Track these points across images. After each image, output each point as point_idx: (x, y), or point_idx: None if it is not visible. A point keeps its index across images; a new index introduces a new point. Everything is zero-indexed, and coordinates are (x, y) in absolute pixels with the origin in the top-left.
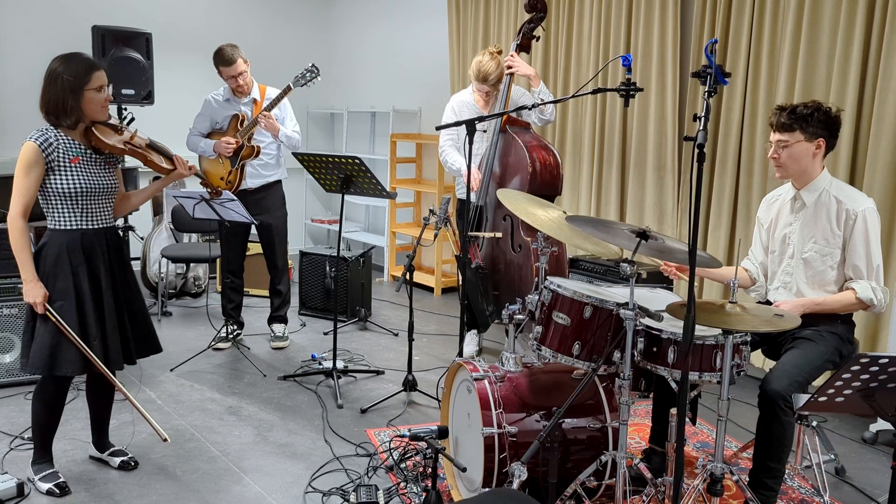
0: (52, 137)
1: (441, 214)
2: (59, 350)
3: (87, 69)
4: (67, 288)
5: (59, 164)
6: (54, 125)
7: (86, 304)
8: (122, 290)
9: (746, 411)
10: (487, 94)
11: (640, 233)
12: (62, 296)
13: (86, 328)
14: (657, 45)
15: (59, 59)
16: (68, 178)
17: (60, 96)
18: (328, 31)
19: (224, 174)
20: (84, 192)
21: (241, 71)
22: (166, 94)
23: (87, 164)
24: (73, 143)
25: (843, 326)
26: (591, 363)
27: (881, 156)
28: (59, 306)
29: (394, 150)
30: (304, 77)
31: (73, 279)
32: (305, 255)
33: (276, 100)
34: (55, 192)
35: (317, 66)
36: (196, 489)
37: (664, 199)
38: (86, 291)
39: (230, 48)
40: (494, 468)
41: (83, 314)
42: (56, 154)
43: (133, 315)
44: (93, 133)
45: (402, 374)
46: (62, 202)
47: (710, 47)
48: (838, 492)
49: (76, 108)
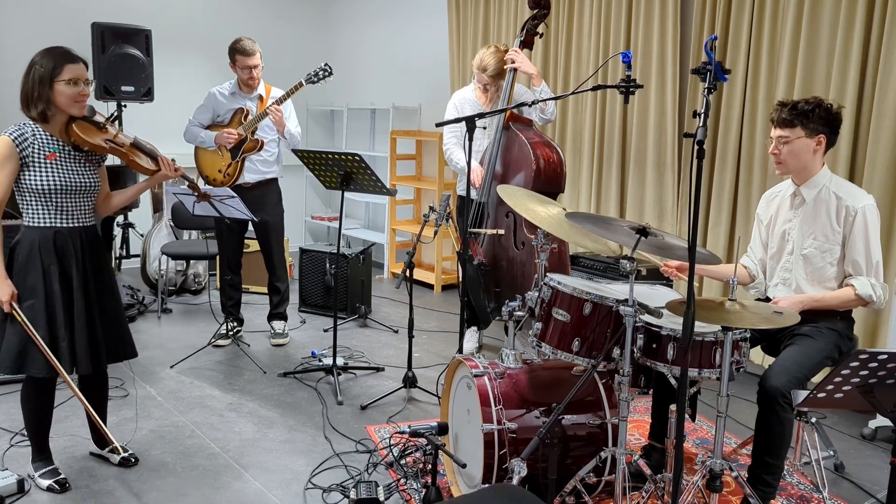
0: (27, 133)
1: (441, 211)
2: (29, 350)
3: (60, 60)
4: (37, 286)
5: (33, 159)
6: (30, 118)
7: (55, 304)
8: (94, 292)
9: (745, 408)
10: (486, 88)
11: (639, 229)
12: (32, 294)
13: (54, 328)
14: (657, 42)
15: (39, 52)
16: (43, 174)
17: (31, 86)
18: (328, 28)
19: (223, 167)
20: (59, 190)
21: (258, 63)
22: (166, 91)
23: (64, 161)
24: (50, 139)
25: (842, 323)
26: (591, 360)
27: (881, 152)
28: (30, 305)
29: (394, 147)
30: (316, 75)
31: (44, 277)
32: (305, 252)
33: (286, 94)
34: (29, 188)
35: (330, 66)
36: (196, 485)
37: (664, 196)
38: (56, 290)
39: (249, 41)
40: (494, 464)
41: (52, 313)
42: (31, 150)
43: (106, 318)
44: (73, 130)
45: (402, 371)
46: (36, 199)
47: (710, 44)
48: (837, 488)
49: (43, 99)
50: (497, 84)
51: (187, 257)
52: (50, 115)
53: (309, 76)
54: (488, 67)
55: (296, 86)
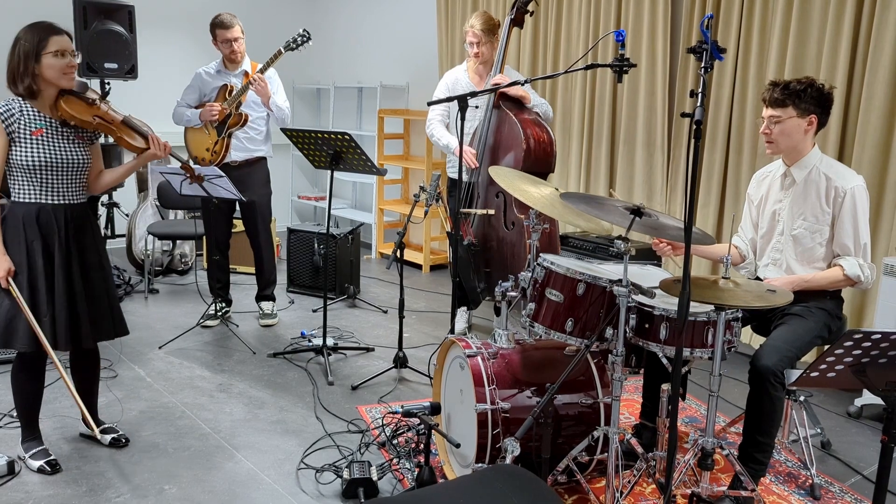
0: (14, 108)
1: (431, 191)
2: (16, 325)
3: (45, 33)
4: (21, 261)
5: (20, 135)
6: (18, 95)
7: (38, 279)
8: (77, 269)
9: (733, 387)
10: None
11: (634, 210)
12: (16, 269)
13: (36, 304)
14: (648, 21)
15: (23, 28)
16: (30, 150)
17: (17, 62)
18: (315, 5)
19: (210, 144)
20: (46, 166)
21: (237, 36)
22: (150, 69)
23: (51, 137)
24: (38, 115)
25: (831, 302)
26: (584, 340)
27: (870, 133)
28: (13, 280)
29: (381, 126)
30: (295, 42)
31: (28, 253)
32: (293, 231)
33: (266, 64)
34: (16, 164)
35: (308, 31)
36: (188, 466)
37: (653, 176)
38: (39, 267)
39: (229, 14)
40: (487, 444)
41: (34, 289)
42: (18, 125)
43: (92, 296)
44: (59, 104)
45: (392, 351)
46: (22, 174)
47: (707, 22)
48: (824, 465)
49: (30, 73)
50: (489, 42)
51: (174, 237)
52: (37, 91)
53: (287, 43)
54: (475, 24)
55: (275, 54)
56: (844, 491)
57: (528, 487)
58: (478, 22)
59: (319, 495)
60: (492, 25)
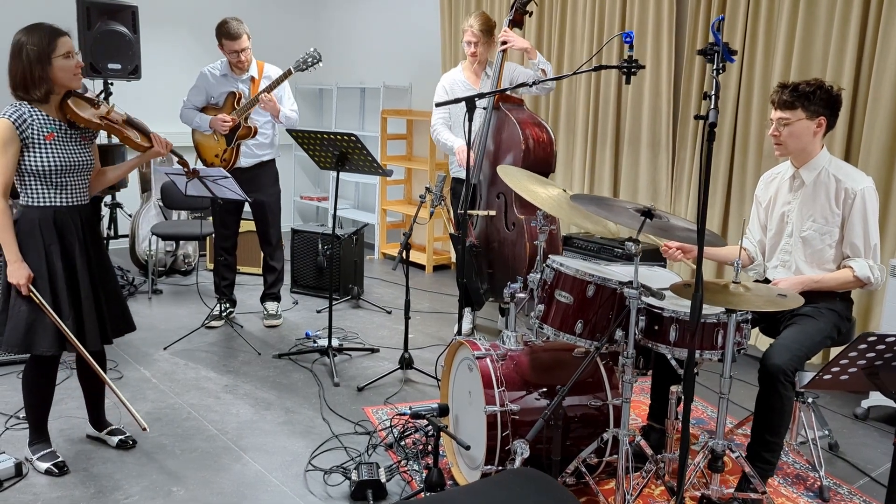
0: (25, 113)
1: (437, 192)
2: (36, 329)
3: (51, 36)
4: (40, 266)
5: (33, 140)
6: (26, 100)
7: (58, 283)
8: (97, 269)
9: (740, 388)
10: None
11: (645, 211)
12: (34, 273)
13: (59, 307)
14: (653, 22)
15: (21, 31)
16: (43, 155)
17: (27, 68)
18: (318, 5)
19: (219, 151)
20: (59, 170)
21: (245, 47)
22: (153, 69)
23: (62, 141)
24: (47, 119)
25: (841, 304)
26: (594, 342)
27: (877, 135)
28: (33, 286)
29: (384, 127)
30: (305, 62)
31: (46, 257)
32: (297, 232)
33: (275, 82)
34: (29, 169)
35: (318, 52)
36: (196, 468)
37: (658, 177)
38: (58, 270)
39: (235, 22)
40: (497, 446)
41: (55, 292)
42: (31, 130)
43: (108, 294)
44: (68, 106)
45: (397, 352)
46: (36, 179)
47: (718, 24)
48: (832, 467)
49: (45, 79)
50: (487, 42)
51: (178, 238)
52: (52, 96)
53: (298, 63)
54: (474, 24)
55: (285, 73)
56: (853, 493)
57: (546, 490)
58: (476, 22)
59: (328, 497)
60: (490, 26)
